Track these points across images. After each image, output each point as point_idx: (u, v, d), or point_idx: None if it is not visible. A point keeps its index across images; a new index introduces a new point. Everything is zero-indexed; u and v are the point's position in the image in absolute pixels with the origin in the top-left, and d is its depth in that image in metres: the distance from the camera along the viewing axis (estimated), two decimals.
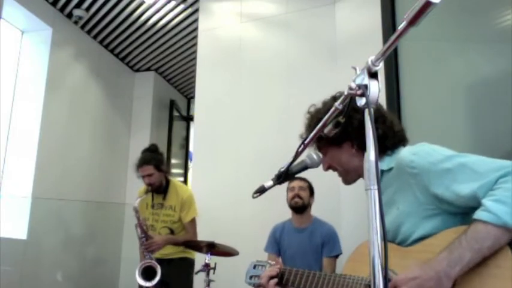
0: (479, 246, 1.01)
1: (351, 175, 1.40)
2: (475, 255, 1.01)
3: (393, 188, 1.25)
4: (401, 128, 1.37)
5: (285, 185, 2.71)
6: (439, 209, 1.15)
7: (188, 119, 6.54)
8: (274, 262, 1.55)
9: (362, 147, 1.33)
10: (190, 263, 3.07)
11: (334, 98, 1.38)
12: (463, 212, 1.12)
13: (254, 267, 1.60)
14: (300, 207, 2.69)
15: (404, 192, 1.21)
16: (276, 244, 2.78)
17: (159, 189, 2.99)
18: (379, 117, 1.32)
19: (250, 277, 1.58)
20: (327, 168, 1.43)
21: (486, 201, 1.03)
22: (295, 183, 2.71)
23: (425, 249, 1.13)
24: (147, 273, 2.67)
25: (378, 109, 1.35)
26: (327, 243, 2.63)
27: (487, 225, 1.01)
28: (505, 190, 1.01)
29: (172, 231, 3.00)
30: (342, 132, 1.29)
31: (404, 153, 1.23)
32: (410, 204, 1.19)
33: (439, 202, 1.14)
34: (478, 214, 1.03)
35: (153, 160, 2.90)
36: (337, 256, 2.64)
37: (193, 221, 3.00)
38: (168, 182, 3.05)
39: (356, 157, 1.34)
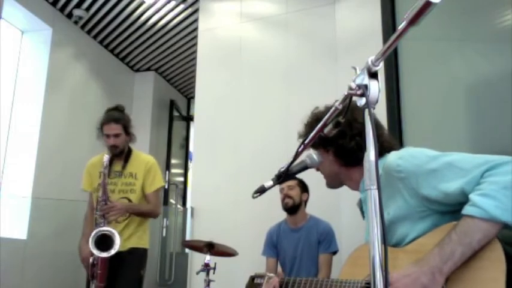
0: (469, 240, 1.02)
1: (331, 180, 1.45)
2: (466, 249, 1.02)
3: (383, 195, 1.26)
4: (387, 139, 1.37)
5: None
6: (429, 210, 1.16)
7: (188, 119, 6.54)
8: (272, 274, 1.57)
9: (338, 155, 1.36)
10: (141, 254, 2.64)
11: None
12: (454, 211, 1.12)
13: (253, 280, 1.63)
14: (291, 208, 2.67)
15: (394, 197, 1.22)
16: (274, 248, 2.77)
17: (120, 155, 2.63)
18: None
19: None
20: (317, 169, 1.46)
21: (473, 196, 1.03)
22: (284, 184, 2.65)
23: (417, 249, 1.14)
24: (101, 243, 2.34)
25: (360, 122, 1.32)
26: (323, 240, 2.63)
27: (475, 219, 1.02)
28: (490, 183, 1.02)
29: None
30: (319, 139, 1.31)
31: (390, 158, 1.24)
32: (401, 208, 1.20)
33: (429, 203, 1.15)
34: (466, 209, 1.04)
35: (123, 120, 2.60)
36: (333, 253, 2.63)
37: (157, 192, 2.69)
38: (130, 150, 2.70)
39: (334, 164, 1.38)
